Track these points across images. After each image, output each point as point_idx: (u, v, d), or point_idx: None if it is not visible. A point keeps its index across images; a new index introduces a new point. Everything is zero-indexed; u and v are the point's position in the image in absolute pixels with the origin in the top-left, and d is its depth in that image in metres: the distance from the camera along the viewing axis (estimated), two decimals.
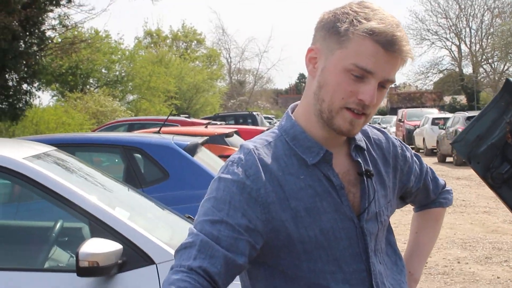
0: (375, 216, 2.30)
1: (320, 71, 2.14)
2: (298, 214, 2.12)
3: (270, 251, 2.14)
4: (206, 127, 15.37)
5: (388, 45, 2.05)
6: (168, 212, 5.45)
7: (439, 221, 2.82)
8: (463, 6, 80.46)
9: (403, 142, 2.58)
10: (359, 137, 2.34)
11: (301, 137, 2.21)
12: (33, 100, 28.44)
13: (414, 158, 2.61)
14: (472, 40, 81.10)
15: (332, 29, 2.11)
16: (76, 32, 37.04)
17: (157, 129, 10.93)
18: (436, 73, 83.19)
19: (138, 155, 8.49)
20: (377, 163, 2.38)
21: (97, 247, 3.80)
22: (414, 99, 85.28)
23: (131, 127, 21.04)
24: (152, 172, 8.38)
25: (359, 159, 2.29)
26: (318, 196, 2.15)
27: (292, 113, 2.30)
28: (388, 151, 2.46)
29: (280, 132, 2.25)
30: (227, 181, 2.10)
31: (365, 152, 2.36)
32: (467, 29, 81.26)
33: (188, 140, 8.72)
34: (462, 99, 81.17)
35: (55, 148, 5.56)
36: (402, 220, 13.26)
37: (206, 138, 9.84)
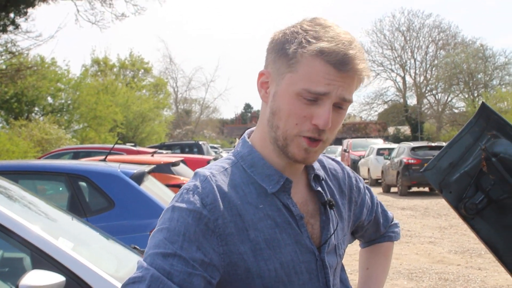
0: (334, 249, 2.20)
1: (272, 97, 2.03)
2: (258, 246, 1.98)
3: (227, 287, 1.99)
4: (152, 155, 15.22)
5: (340, 65, 1.92)
6: (114, 242, 5.32)
7: (389, 256, 2.74)
8: (408, 38, 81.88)
9: (356, 174, 2.50)
10: (317, 165, 2.25)
11: (259, 164, 2.09)
12: None
13: (366, 190, 2.53)
14: (417, 71, 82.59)
15: (281, 51, 2.00)
16: (22, 59, 36.62)
17: (103, 157, 10.72)
18: (381, 104, 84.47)
19: (83, 183, 8.31)
20: (334, 194, 2.30)
21: (39, 279, 3.66)
22: (359, 129, 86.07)
23: (76, 155, 20.71)
24: (98, 201, 8.21)
25: (319, 189, 2.20)
26: (278, 227, 2.03)
27: (248, 139, 2.19)
28: (344, 182, 2.38)
29: (237, 159, 2.13)
30: (182, 211, 1.93)
31: (323, 182, 2.27)
32: (412, 61, 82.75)
33: (135, 169, 8.59)
34: (406, 129, 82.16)
35: None
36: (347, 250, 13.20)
37: (152, 166, 9.71)
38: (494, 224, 2.59)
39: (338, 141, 72.93)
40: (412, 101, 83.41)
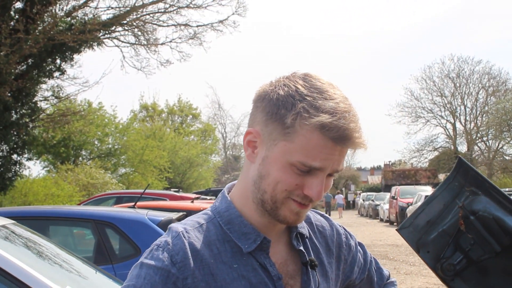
0: None
1: (261, 160, 1.93)
2: None
3: None
4: (192, 202, 15.17)
5: (340, 140, 1.84)
6: None
7: None
8: (458, 85, 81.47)
9: (347, 230, 2.42)
10: (301, 223, 2.15)
11: (236, 222, 2.01)
12: (22, 171, 28.41)
13: (358, 247, 2.45)
14: (467, 118, 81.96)
15: (275, 116, 1.89)
16: (69, 104, 37.20)
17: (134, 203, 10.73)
18: (431, 151, 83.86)
19: (110, 230, 8.29)
20: (319, 253, 2.21)
21: None
22: (409, 176, 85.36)
23: (119, 200, 20.78)
24: (124, 248, 8.22)
25: (301, 248, 2.11)
26: None
27: (228, 194, 2.10)
28: (332, 240, 2.29)
29: (214, 214, 2.05)
30: (149, 268, 1.87)
31: (307, 240, 2.18)
32: (462, 107, 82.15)
33: (163, 216, 8.55)
34: None
35: (13, 221, 5.42)
36: None
37: (182, 213, 9.66)
38: (475, 286, 2.47)
39: (387, 188, 72.58)
40: (462, 148, 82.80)
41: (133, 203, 10.77)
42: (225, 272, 1.92)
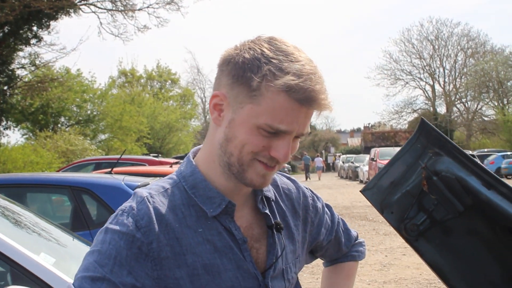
0: (282, 274, 2.11)
1: (228, 123, 1.91)
2: (195, 271, 1.89)
3: None
4: (171, 166, 15.11)
5: (306, 101, 1.83)
6: None
7: (352, 276, 2.63)
8: (437, 47, 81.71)
9: (314, 192, 2.42)
10: (267, 187, 2.14)
11: (201, 186, 1.99)
12: (0, 139, 28.27)
13: (326, 209, 2.45)
14: (446, 80, 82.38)
15: (241, 79, 1.87)
16: (46, 71, 36.96)
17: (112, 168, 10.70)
18: (410, 113, 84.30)
19: (86, 196, 8.27)
20: (285, 215, 2.21)
21: None
22: (388, 138, 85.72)
23: (98, 166, 20.69)
24: (101, 213, 8.20)
25: (267, 211, 2.11)
26: (218, 252, 1.94)
27: (193, 158, 2.09)
28: (298, 202, 2.29)
29: (179, 179, 2.03)
30: (114, 233, 1.85)
31: (273, 203, 2.18)
32: (441, 69, 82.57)
33: (139, 181, 8.55)
34: None
35: None
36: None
37: (160, 178, 9.64)
38: (439, 246, 2.48)
39: (367, 150, 72.80)
40: (441, 109, 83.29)
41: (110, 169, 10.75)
42: (190, 236, 1.92)
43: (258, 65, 1.85)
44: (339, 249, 2.55)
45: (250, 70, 1.86)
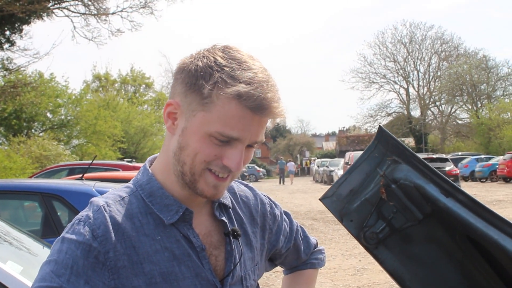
0: (240, 281, 2.12)
1: (181, 131, 1.92)
2: (153, 280, 1.89)
3: None
4: None
5: (257, 109, 1.83)
6: None
7: (312, 284, 2.65)
8: (410, 50, 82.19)
9: (272, 199, 2.42)
10: (224, 194, 2.15)
11: (158, 194, 1.99)
12: None
13: (284, 216, 2.46)
14: (420, 83, 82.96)
15: (194, 87, 1.87)
16: (19, 76, 36.76)
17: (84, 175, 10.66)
18: (384, 116, 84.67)
19: (57, 202, 8.24)
20: (243, 223, 2.22)
21: None
22: (363, 141, 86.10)
23: (72, 171, 20.62)
24: (71, 220, 8.12)
25: (224, 218, 2.12)
26: (176, 260, 1.94)
27: (150, 167, 2.09)
28: (256, 209, 2.30)
29: (136, 187, 2.03)
30: (70, 243, 1.84)
31: (230, 210, 2.19)
32: (415, 72, 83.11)
33: (110, 187, 8.50)
34: (410, 141, 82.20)
35: None
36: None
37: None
38: (398, 255, 2.49)
39: (342, 154, 73.08)
40: (416, 112, 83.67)
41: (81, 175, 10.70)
42: (147, 244, 1.92)
43: (210, 73, 1.85)
44: (298, 257, 2.56)
45: (202, 78, 1.86)
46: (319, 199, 2.54)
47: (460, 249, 2.42)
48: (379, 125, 2.52)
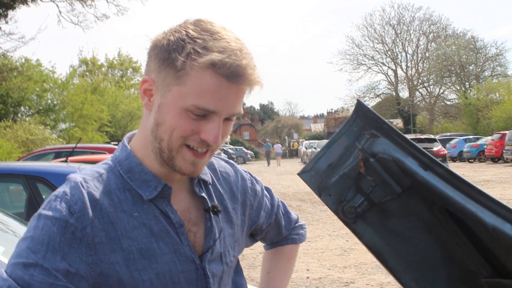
0: (220, 257, 2.10)
1: (157, 107, 1.89)
2: (131, 256, 1.87)
3: None
4: None
5: (233, 77, 1.80)
6: None
7: (293, 259, 2.65)
8: (398, 31, 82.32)
9: (253, 175, 2.41)
10: (204, 170, 2.12)
11: (137, 170, 1.97)
12: None
13: (265, 192, 2.45)
14: (408, 64, 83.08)
15: (167, 61, 1.85)
16: (5, 60, 36.60)
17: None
18: (373, 97, 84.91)
19: (41, 185, 8.20)
20: (223, 199, 2.20)
21: None
22: None
23: (58, 155, 20.56)
24: None
25: (204, 195, 2.10)
26: (154, 236, 1.92)
27: (128, 143, 2.07)
28: (237, 186, 2.29)
29: (114, 163, 2.00)
30: (47, 219, 1.81)
31: (210, 186, 2.17)
32: (403, 54, 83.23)
33: None
34: (399, 122, 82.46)
35: None
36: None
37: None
38: (377, 229, 2.47)
39: (330, 136, 73.25)
40: (404, 94, 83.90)
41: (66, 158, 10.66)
42: (125, 220, 1.90)
43: (183, 45, 1.82)
44: (280, 232, 2.55)
45: (175, 51, 1.83)
46: (298, 174, 2.52)
47: (439, 222, 2.41)
48: (357, 99, 2.49)
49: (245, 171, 2.38)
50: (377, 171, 2.37)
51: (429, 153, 2.28)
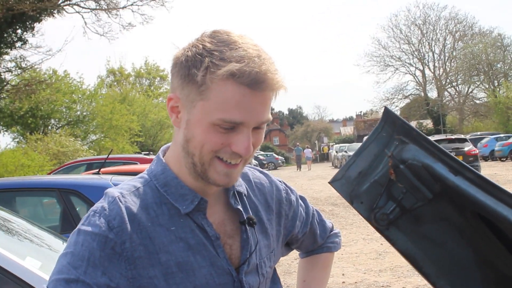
0: (256, 268, 2.11)
1: (185, 124, 1.90)
2: (169, 270, 1.89)
3: None
4: None
5: (254, 84, 1.79)
6: None
7: (328, 267, 2.66)
8: (425, 31, 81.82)
9: (288, 185, 2.42)
10: (239, 181, 2.15)
11: (173, 184, 1.99)
12: None
13: (300, 201, 2.46)
14: (436, 64, 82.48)
15: (188, 77, 1.86)
16: (33, 73, 36.93)
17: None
18: (401, 99, 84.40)
19: (75, 197, 8.28)
20: (258, 210, 2.21)
21: None
22: None
23: (90, 166, 20.70)
24: None
25: (239, 207, 2.11)
26: (191, 250, 1.94)
27: (163, 157, 2.09)
28: (271, 196, 2.30)
29: (150, 177, 2.03)
30: (86, 234, 1.84)
31: (245, 198, 2.18)
32: (430, 54, 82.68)
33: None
34: (428, 123, 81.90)
35: None
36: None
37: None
38: (410, 235, 2.47)
39: (360, 138, 72.94)
40: (432, 94, 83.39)
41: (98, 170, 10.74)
42: (162, 234, 1.91)
43: (201, 60, 1.83)
44: (315, 241, 2.56)
45: (194, 67, 1.84)
46: (329, 182, 2.53)
47: (471, 227, 2.41)
48: (385, 107, 2.51)
49: (280, 181, 2.39)
50: (408, 177, 2.37)
51: (458, 159, 2.29)
